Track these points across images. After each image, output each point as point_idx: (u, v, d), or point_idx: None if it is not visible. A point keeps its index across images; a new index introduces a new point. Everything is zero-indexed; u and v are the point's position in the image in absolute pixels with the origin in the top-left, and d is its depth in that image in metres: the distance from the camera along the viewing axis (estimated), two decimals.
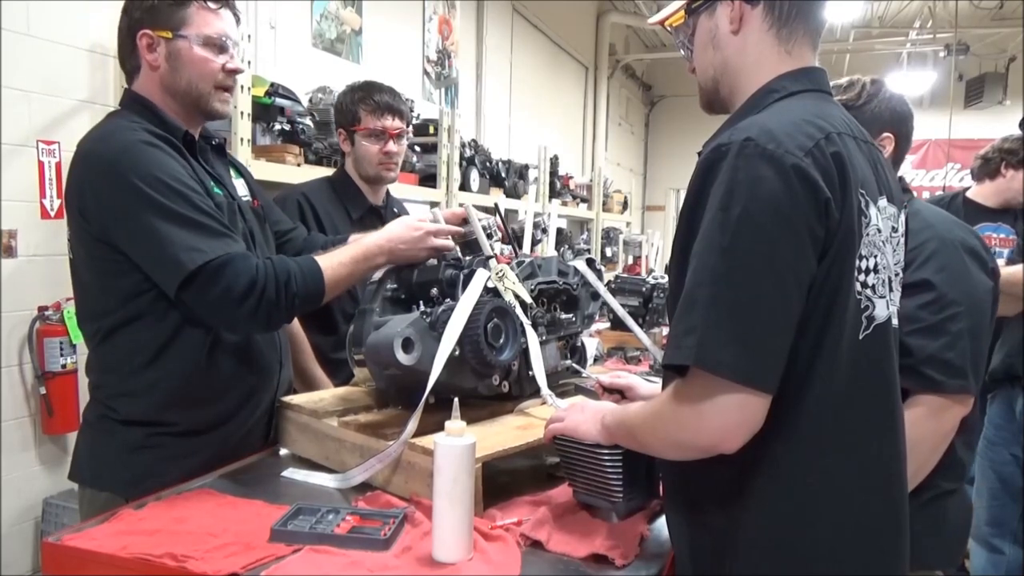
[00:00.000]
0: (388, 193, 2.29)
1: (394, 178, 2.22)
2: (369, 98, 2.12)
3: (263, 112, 2.57)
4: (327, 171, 2.45)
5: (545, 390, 1.42)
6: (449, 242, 1.51)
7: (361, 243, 1.45)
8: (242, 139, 2.35)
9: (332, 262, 1.39)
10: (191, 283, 1.25)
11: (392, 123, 2.14)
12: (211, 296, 1.26)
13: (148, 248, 1.27)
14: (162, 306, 1.32)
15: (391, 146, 2.14)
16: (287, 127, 2.65)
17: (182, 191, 1.28)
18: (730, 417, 0.87)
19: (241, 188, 1.57)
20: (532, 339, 1.44)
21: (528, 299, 1.46)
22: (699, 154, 0.98)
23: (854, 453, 0.95)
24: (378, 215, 2.20)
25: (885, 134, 1.46)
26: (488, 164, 4.38)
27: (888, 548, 0.97)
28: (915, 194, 1.52)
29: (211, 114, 1.44)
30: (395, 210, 2.29)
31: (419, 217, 1.57)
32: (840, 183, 0.91)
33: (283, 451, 1.50)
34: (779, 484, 0.93)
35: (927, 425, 1.27)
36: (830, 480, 0.93)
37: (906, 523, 1.01)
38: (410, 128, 2.28)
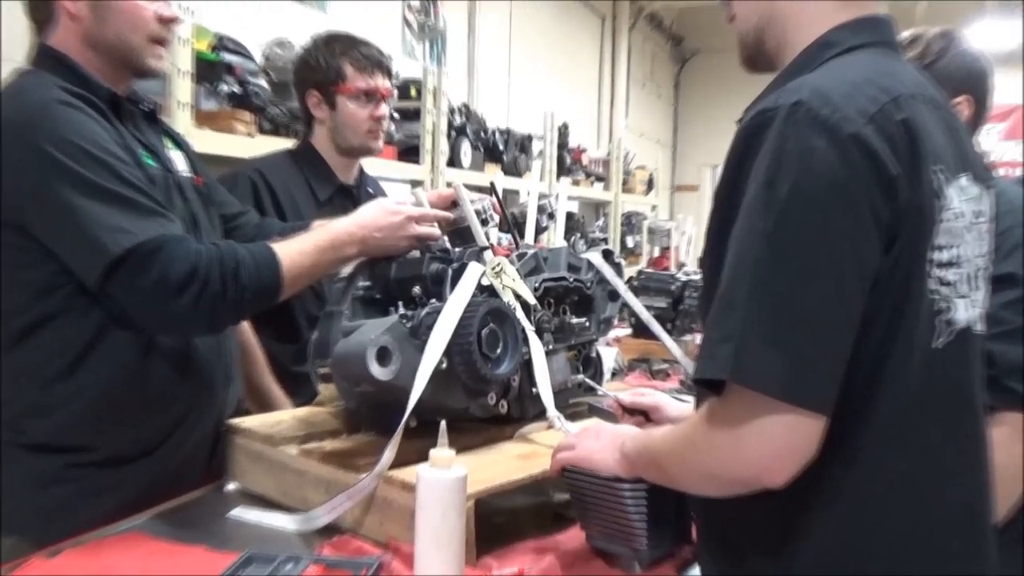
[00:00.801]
0: (361, 170, 2.29)
1: (380, 148, 2.23)
2: (355, 51, 2.12)
3: (207, 70, 2.56)
4: (286, 142, 2.45)
5: (552, 411, 1.42)
6: (435, 230, 1.51)
7: (327, 229, 1.45)
8: (181, 103, 2.34)
9: (291, 250, 1.39)
10: (117, 271, 1.24)
11: (384, 83, 2.15)
12: (141, 286, 1.25)
13: (64, 229, 1.26)
14: (81, 303, 1.32)
15: (383, 109, 2.15)
16: (237, 89, 2.64)
17: (106, 160, 1.28)
18: (776, 443, 0.86)
19: (180, 162, 1.56)
20: (536, 349, 1.44)
21: (531, 299, 1.46)
22: (739, 122, 0.98)
23: (928, 486, 0.95)
24: (350, 196, 2.21)
25: (960, 98, 1.46)
26: (483, 134, 4.38)
27: None
28: (998, 171, 1.52)
29: (143, 71, 1.44)
30: (370, 190, 2.29)
31: (398, 199, 1.57)
32: (910, 156, 0.91)
33: (231, 485, 1.49)
34: (836, 525, 0.93)
35: (1013, 449, 1.27)
36: (898, 520, 0.93)
37: (992, 566, 1.01)
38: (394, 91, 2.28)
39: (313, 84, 2.15)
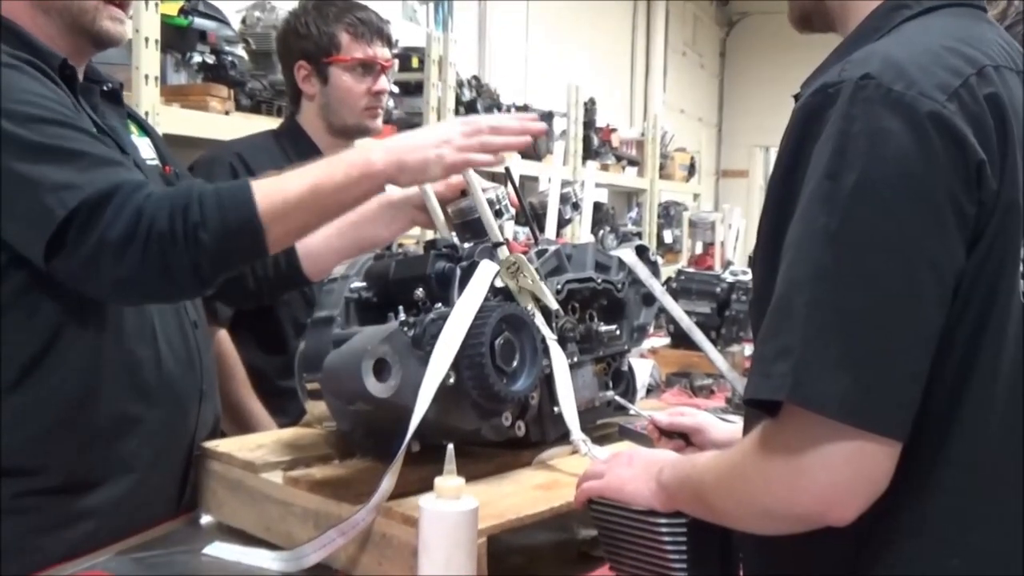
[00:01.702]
0: None
1: (379, 128, 2.24)
2: (351, 15, 2.13)
3: (177, 38, 2.58)
4: (269, 121, 2.47)
5: (577, 434, 1.42)
6: (498, 155, 1.35)
7: (340, 155, 1.34)
8: (147, 76, 2.36)
9: (281, 176, 1.30)
10: (63, 238, 1.23)
11: (383, 52, 2.17)
12: (84, 248, 1.23)
13: (5, 205, 1.26)
14: (31, 299, 1.33)
15: (383, 82, 2.17)
16: (211, 59, 2.66)
17: (48, 116, 1.28)
18: (841, 474, 0.86)
19: (146, 149, 1.58)
20: (559, 361, 1.44)
21: (553, 304, 1.46)
22: (796, 98, 0.98)
23: (1018, 523, 0.94)
24: None
25: None
26: (496, 111, 4.38)
27: None
28: None
29: (99, 37, 1.46)
30: None
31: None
32: (1000, 138, 0.90)
33: (206, 518, 1.51)
34: (912, 568, 0.93)
35: None
36: (985, 562, 0.93)
37: None
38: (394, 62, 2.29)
39: (302, 54, 2.16)
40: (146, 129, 1.63)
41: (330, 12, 2.14)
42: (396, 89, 3.57)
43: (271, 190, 1.27)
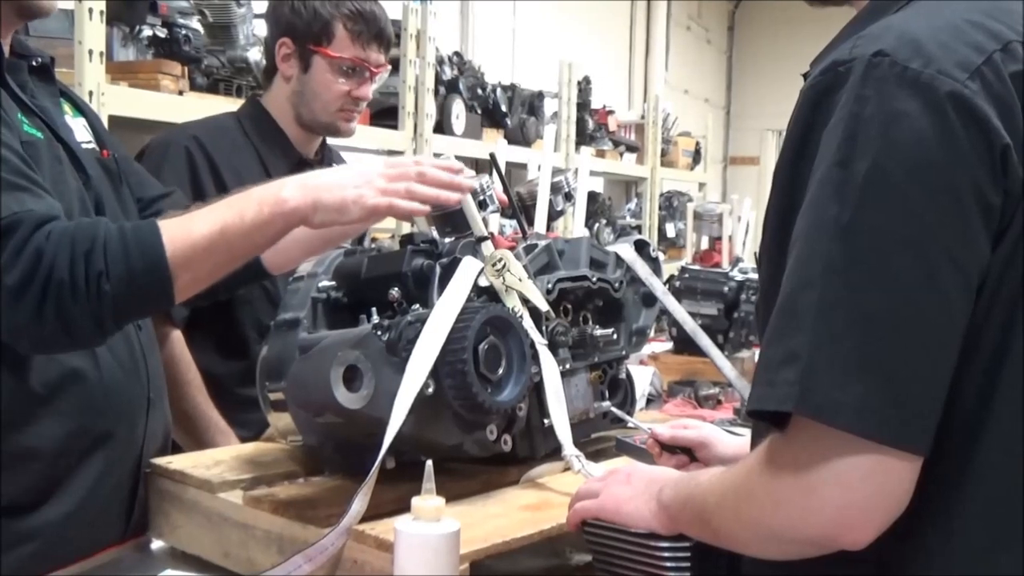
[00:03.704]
0: (324, 142, 2.31)
1: (351, 132, 2.25)
2: (355, 8, 2.11)
3: (124, 9, 2.58)
4: (227, 102, 2.47)
5: (569, 449, 1.42)
6: (423, 205, 1.38)
7: (250, 191, 1.36)
8: (91, 52, 2.35)
9: (188, 216, 1.32)
10: None
11: (377, 57, 2.17)
12: None
13: None
14: None
15: (366, 89, 2.17)
16: (162, 33, 2.66)
17: None
18: (856, 493, 0.86)
19: (82, 132, 1.57)
20: (549, 368, 1.44)
21: (543, 305, 1.46)
22: (805, 77, 0.98)
23: None
24: None
25: None
26: (480, 91, 4.39)
27: None
28: None
29: (30, 8, 1.45)
30: (334, 165, 2.31)
31: None
32: None
33: (157, 543, 1.50)
34: None
35: None
36: None
37: None
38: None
39: (289, 31, 2.14)
40: (81, 108, 1.62)
41: None
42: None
43: (178, 232, 1.28)
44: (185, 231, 1.29)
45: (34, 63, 1.53)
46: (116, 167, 1.61)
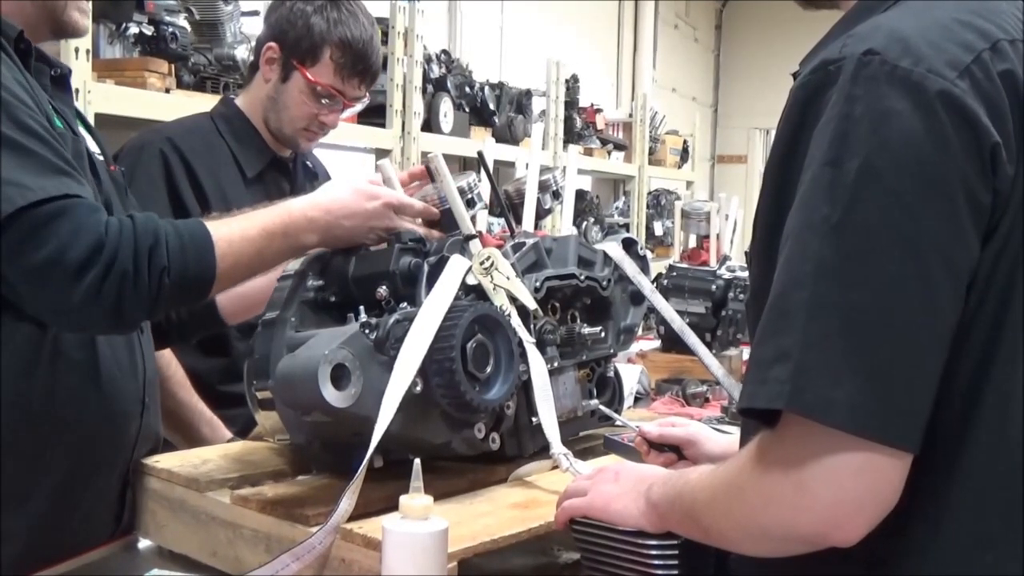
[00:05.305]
0: None
1: (310, 150, 2.28)
2: (349, 34, 2.10)
3: (111, 7, 2.57)
4: (214, 101, 2.46)
5: (557, 447, 1.42)
6: (417, 227, 1.51)
7: (282, 210, 1.45)
8: (77, 50, 2.35)
9: (231, 231, 1.39)
10: (2, 235, 1.24)
11: (356, 92, 2.17)
12: (32, 260, 1.25)
13: None
14: None
15: (334, 117, 2.18)
16: (149, 30, 2.65)
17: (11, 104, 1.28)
18: (846, 490, 0.87)
19: (92, 145, 1.58)
20: (537, 367, 1.44)
21: (531, 303, 1.46)
22: (794, 76, 0.98)
23: None
24: (284, 171, 2.24)
25: None
26: (468, 90, 4.39)
27: None
28: None
29: (63, 27, 1.48)
30: (308, 163, 2.33)
31: (370, 178, 1.57)
32: (1016, 119, 0.91)
33: (144, 543, 1.50)
34: None
35: None
36: None
37: None
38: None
39: (279, 37, 2.14)
40: (88, 126, 1.63)
41: (331, 17, 2.10)
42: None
43: (229, 248, 1.37)
44: (235, 248, 1.38)
45: (53, 73, 1.53)
46: (122, 181, 1.63)
